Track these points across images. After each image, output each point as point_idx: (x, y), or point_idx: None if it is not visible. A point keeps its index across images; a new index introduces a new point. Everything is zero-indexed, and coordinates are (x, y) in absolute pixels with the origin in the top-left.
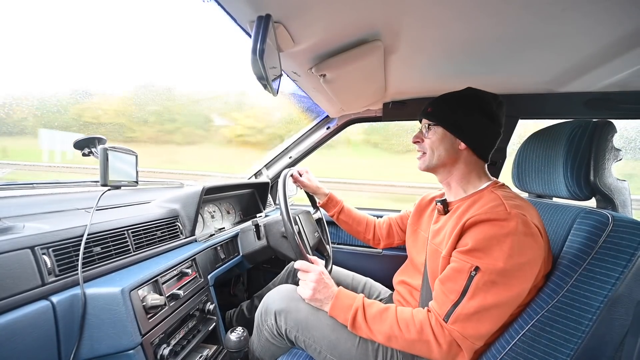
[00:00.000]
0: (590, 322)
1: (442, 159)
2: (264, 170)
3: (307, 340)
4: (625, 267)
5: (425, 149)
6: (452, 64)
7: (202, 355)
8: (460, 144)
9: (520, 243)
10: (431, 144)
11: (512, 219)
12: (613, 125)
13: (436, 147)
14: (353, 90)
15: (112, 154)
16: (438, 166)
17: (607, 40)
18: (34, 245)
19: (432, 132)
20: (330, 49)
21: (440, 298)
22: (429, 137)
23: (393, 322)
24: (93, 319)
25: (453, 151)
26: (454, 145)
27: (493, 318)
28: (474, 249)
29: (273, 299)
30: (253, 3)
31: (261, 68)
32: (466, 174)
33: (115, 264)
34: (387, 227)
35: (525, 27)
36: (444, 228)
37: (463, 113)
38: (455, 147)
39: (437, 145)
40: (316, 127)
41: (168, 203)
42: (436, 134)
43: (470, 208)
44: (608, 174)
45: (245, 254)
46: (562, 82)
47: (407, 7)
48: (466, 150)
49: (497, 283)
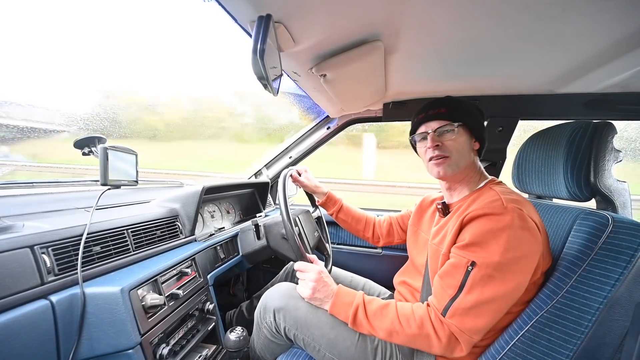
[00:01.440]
0: (590, 323)
1: (466, 160)
2: (264, 170)
3: (306, 338)
4: (625, 268)
5: (448, 152)
6: (453, 65)
7: (202, 355)
8: (475, 144)
9: (517, 237)
10: (457, 145)
11: (508, 213)
12: (613, 126)
13: (461, 148)
14: (353, 90)
15: (112, 153)
16: (464, 169)
17: (608, 41)
18: (34, 245)
19: (454, 133)
20: (331, 49)
21: (438, 293)
22: (452, 138)
23: (394, 318)
24: (92, 319)
25: (470, 152)
26: (471, 145)
27: (490, 312)
28: (471, 244)
29: (272, 297)
30: (254, 3)
31: (261, 68)
32: (473, 174)
33: (114, 264)
34: (388, 225)
35: (526, 28)
36: (444, 228)
37: (472, 112)
38: (471, 147)
39: (461, 146)
40: (316, 127)
41: (168, 202)
42: (460, 134)
43: (470, 205)
44: (608, 175)
45: (245, 253)
46: (562, 82)
47: (407, 8)
48: (476, 150)
49: (493, 277)
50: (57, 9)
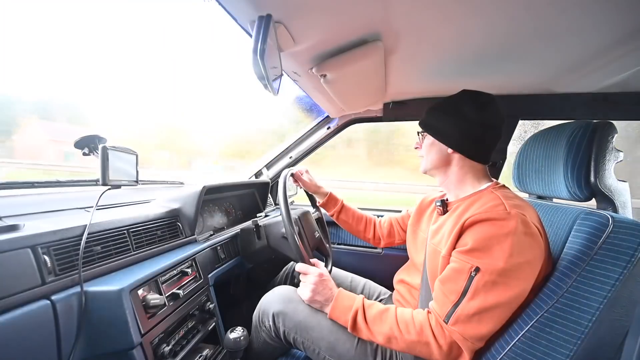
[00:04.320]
0: (590, 323)
1: (434, 162)
2: (264, 170)
3: (306, 341)
4: (625, 268)
5: (421, 153)
6: (452, 65)
7: (202, 355)
8: (448, 149)
9: (521, 243)
10: (424, 149)
11: (512, 218)
12: (613, 126)
13: (428, 152)
14: (353, 90)
15: (112, 153)
16: (433, 169)
17: (608, 41)
18: (34, 245)
19: (424, 139)
20: (331, 49)
21: (440, 299)
22: (422, 143)
23: (393, 323)
24: (93, 319)
25: (443, 155)
26: (443, 150)
27: (494, 318)
28: (474, 249)
29: (270, 300)
30: (254, 3)
31: (262, 68)
32: (461, 176)
33: (115, 264)
34: (389, 226)
35: (526, 27)
36: (442, 227)
37: (444, 119)
38: (444, 151)
39: (428, 151)
40: (317, 127)
41: (168, 202)
42: (426, 141)
43: (470, 208)
44: (608, 175)
45: (245, 254)
46: (563, 82)
47: (407, 8)
48: (456, 154)
49: (497, 283)
50: (56, 9)
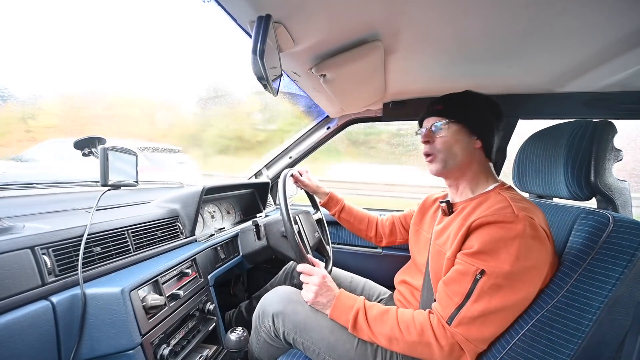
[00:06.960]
0: (591, 322)
1: (458, 159)
2: (264, 170)
3: (306, 342)
4: (625, 267)
5: (437, 150)
6: (452, 64)
7: (202, 355)
8: (476, 142)
9: (528, 246)
10: (445, 142)
11: (519, 221)
12: (613, 125)
13: (451, 145)
14: (353, 90)
15: (112, 154)
16: (454, 168)
17: (608, 40)
18: (34, 245)
19: (445, 131)
20: (330, 49)
21: (443, 300)
22: (442, 135)
23: (394, 324)
24: (93, 319)
25: (468, 151)
26: (470, 143)
27: (497, 321)
28: (480, 252)
29: (270, 301)
30: (253, 3)
31: (261, 68)
32: (477, 174)
33: (115, 264)
34: (390, 225)
35: (526, 27)
36: (448, 229)
37: (475, 109)
38: (470, 145)
39: (452, 144)
40: (316, 127)
41: (168, 203)
42: (451, 131)
43: (477, 209)
44: (609, 174)
45: (245, 254)
46: (562, 82)
47: (406, 8)
48: (479, 149)
49: (502, 287)
50: (56, 10)
